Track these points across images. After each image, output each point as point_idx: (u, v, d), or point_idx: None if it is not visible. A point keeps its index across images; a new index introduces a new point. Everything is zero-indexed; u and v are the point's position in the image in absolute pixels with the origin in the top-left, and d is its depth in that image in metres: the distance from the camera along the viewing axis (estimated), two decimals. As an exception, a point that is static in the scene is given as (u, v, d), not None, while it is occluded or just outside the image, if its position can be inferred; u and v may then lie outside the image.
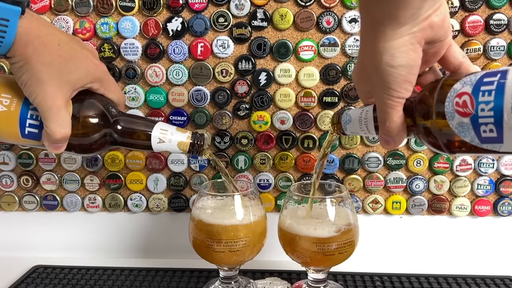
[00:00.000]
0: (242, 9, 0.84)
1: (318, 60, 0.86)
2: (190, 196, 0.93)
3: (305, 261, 0.73)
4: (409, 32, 0.49)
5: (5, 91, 0.62)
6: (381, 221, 0.93)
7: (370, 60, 0.52)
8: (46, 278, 0.84)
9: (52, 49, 0.58)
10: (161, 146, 0.66)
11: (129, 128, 0.66)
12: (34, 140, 0.63)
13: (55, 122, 0.58)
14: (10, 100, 0.61)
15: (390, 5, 0.48)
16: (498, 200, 0.91)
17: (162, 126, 0.66)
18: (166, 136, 0.66)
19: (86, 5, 0.85)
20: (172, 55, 0.86)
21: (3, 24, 0.53)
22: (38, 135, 0.62)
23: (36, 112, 0.60)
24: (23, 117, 0.61)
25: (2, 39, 0.53)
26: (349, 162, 0.90)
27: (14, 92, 0.61)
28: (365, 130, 0.60)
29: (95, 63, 0.63)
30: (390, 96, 0.52)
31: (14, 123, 0.62)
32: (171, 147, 0.66)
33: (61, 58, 0.58)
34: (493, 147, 0.45)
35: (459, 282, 0.82)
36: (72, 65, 0.59)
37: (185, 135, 0.67)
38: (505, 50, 0.84)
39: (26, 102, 0.61)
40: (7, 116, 0.61)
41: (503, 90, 0.42)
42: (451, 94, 0.47)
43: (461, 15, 0.84)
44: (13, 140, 0.63)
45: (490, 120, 0.43)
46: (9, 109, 0.61)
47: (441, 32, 0.51)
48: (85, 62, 0.61)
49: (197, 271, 0.86)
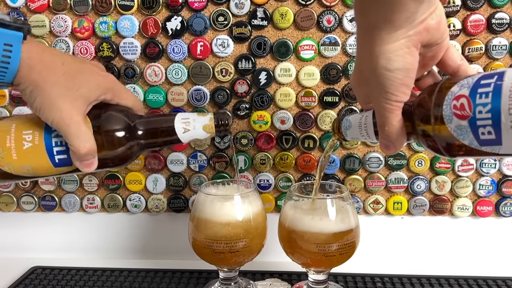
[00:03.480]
0: (242, 8, 0.84)
1: (318, 60, 0.86)
2: (190, 196, 0.93)
3: (306, 262, 0.73)
4: (405, 36, 0.49)
5: (25, 128, 0.63)
6: (382, 222, 0.93)
7: (367, 64, 0.52)
8: (45, 279, 0.84)
9: (56, 68, 0.58)
10: (188, 135, 0.65)
11: (151, 129, 0.66)
12: (67, 166, 0.63)
13: (77, 138, 0.59)
14: (32, 135, 0.62)
15: (385, 8, 0.48)
16: (500, 200, 0.91)
17: (183, 116, 0.66)
18: (190, 123, 0.65)
19: (84, 4, 0.85)
20: (172, 54, 0.86)
21: (7, 50, 0.54)
22: (68, 159, 0.62)
23: (59, 137, 0.61)
24: (49, 147, 0.62)
25: (7, 64, 0.54)
26: (350, 162, 0.90)
27: (34, 126, 0.62)
28: (365, 136, 0.60)
29: (102, 75, 0.63)
30: (388, 100, 0.52)
31: (42, 155, 0.62)
32: (197, 133, 0.66)
33: (67, 76, 0.59)
34: (492, 149, 0.45)
35: (460, 283, 0.82)
36: (80, 80, 0.60)
37: (207, 117, 0.66)
38: (507, 49, 0.84)
39: (47, 131, 0.62)
40: (33, 151, 0.62)
41: (500, 92, 0.42)
42: (448, 97, 0.47)
43: (462, 14, 0.84)
44: (47, 172, 0.64)
45: (488, 122, 0.43)
46: (34, 143, 0.62)
47: (438, 35, 0.51)
48: (92, 76, 0.62)
49: (196, 272, 0.85)
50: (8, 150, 0.62)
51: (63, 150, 0.62)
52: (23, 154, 0.62)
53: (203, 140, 0.89)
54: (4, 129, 0.63)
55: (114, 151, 0.64)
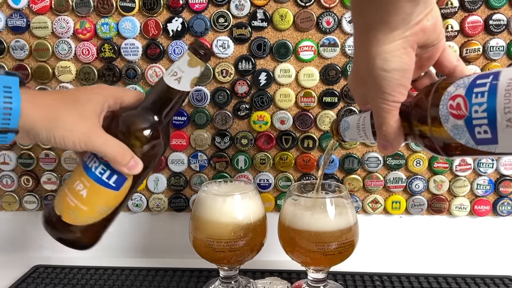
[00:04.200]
0: (242, 9, 0.85)
1: (318, 60, 0.87)
2: (190, 196, 0.93)
3: (305, 261, 0.74)
4: (401, 37, 0.49)
5: (72, 181, 0.66)
6: (380, 221, 0.94)
7: (364, 64, 0.52)
8: (47, 277, 0.85)
9: (57, 99, 0.61)
10: (184, 81, 0.64)
11: (155, 102, 0.65)
12: (125, 182, 0.65)
13: (106, 146, 0.61)
14: (79, 181, 0.65)
15: (381, 10, 0.48)
16: (497, 200, 0.91)
17: (168, 71, 0.65)
18: (177, 72, 0.64)
19: (86, 6, 0.85)
20: (173, 55, 0.87)
21: (7, 91, 0.55)
22: (119, 176, 0.64)
23: (98, 165, 0.64)
24: (98, 179, 0.64)
25: (9, 105, 0.55)
26: (349, 162, 0.90)
27: (76, 175, 0.66)
28: (363, 136, 0.60)
29: (95, 88, 0.66)
30: (385, 101, 0.52)
31: (100, 190, 0.65)
32: (188, 73, 0.65)
33: (69, 101, 0.61)
34: (489, 148, 0.45)
35: (458, 281, 0.82)
36: (81, 100, 0.62)
37: (185, 55, 0.65)
38: (504, 50, 0.84)
39: (86, 169, 0.65)
40: (92, 192, 0.64)
41: (496, 91, 0.43)
42: (445, 97, 0.48)
43: (460, 15, 0.84)
44: (118, 199, 0.67)
45: (484, 122, 0.44)
46: (87, 187, 0.64)
47: (434, 36, 0.52)
48: (88, 92, 0.64)
49: (197, 270, 0.86)
50: (76, 207, 0.65)
51: (110, 172, 0.64)
52: (87, 201, 0.65)
53: (203, 140, 0.89)
54: (62, 196, 0.66)
55: (144, 143, 0.65)
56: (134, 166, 0.63)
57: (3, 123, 0.55)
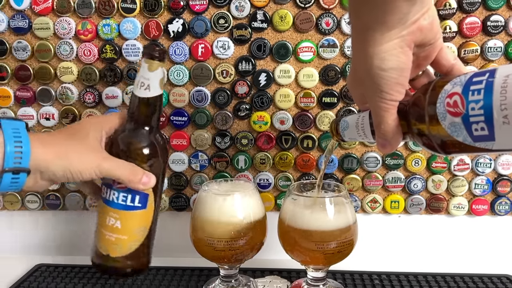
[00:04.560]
0: (242, 10, 0.85)
1: (317, 61, 0.87)
2: (191, 195, 0.94)
3: (305, 260, 0.74)
4: (399, 36, 0.50)
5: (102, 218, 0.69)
6: (379, 220, 0.94)
7: (362, 64, 0.53)
8: (49, 276, 0.85)
9: (60, 136, 0.64)
10: (152, 87, 0.67)
11: (136, 115, 0.68)
12: (148, 198, 0.69)
13: (117, 169, 0.64)
14: (109, 216, 0.68)
15: (378, 10, 0.49)
16: (495, 199, 0.91)
17: (134, 85, 0.67)
18: (143, 82, 0.66)
19: (88, 7, 0.86)
20: (173, 56, 0.87)
21: (16, 132, 0.57)
22: (140, 195, 0.68)
23: (117, 192, 0.67)
24: (122, 206, 0.67)
25: (20, 144, 0.57)
26: (348, 162, 0.91)
27: (102, 210, 0.69)
28: (362, 136, 0.61)
29: (88, 119, 0.71)
30: (383, 99, 0.52)
31: (130, 215, 0.68)
32: (154, 78, 0.66)
33: (71, 136, 0.64)
34: (486, 145, 0.45)
35: (456, 280, 0.83)
36: (81, 132, 0.65)
37: (143, 63, 0.67)
38: (502, 51, 0.85)
39: (109, 203, 0.68)
40: (125, 220, 0.68)
41: (492, 88, 0.43)
42: (442, 95, 0.48)
43: (458, 16, 0.85)
44: (149, 217, 0.70)
45: (480, 119, 0.44)
46: (117, 218, 0.67)
47: (431, 35, 0.52)
48: (85, 123, 0.68)
49: (197, 269, 0.86)
50: (117, 240, 0.68)
51: (131, 195, 0.67)
52: (124, 230, 0.68)
53: (204, 140, 0.90)
54: (100, 236, 0.70)
55: (146, 156, 0.68)
56: (148, 180, 0.66)
57: (14, 162, 0.56)
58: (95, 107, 0.90)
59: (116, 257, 0.69)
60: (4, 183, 0.57)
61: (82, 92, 0.90)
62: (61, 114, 0.90)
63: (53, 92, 0.90)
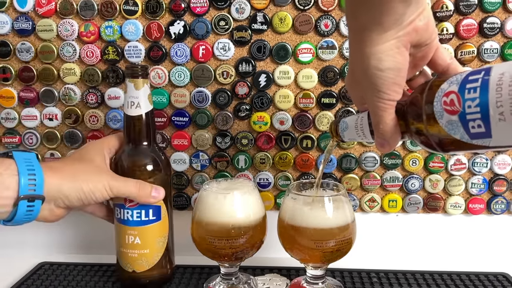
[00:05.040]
0: (242, 12, 0.86)
1: (316, 62, 0.88)
2: (192, 194, 0.94)
3: (304, 258, 0.74)
4: (395, 37, 0.50)
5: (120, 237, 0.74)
6: (377, 219, 0.95)
7: (359, 65, 0.53)
8: (52, 274, 0.85)
9: (69, 162, 0.67)
10: (142, 104, 0.71)
11: (135, 132, 0.72)
12: (157, 213, 0.73)
13: (130, 187, 0.68)
14: (127, 235, 0.72)
15: (374, 11, 0.49)
16: (491, 198, 0.92)
17: (124, 106, 0.71)
18: (132, 101, 0.70)
19: (90, 9, 0.87)
20: (175, 57, 0.88)
21: (28, 161, 0.60)
22: (154, 208, 0.71)
23: (129, 213, 0.71)
24: (131, 222, 0.71)
25: (33, 171, 0.59)
26: (347, 162, 0.91)
27: (120, 232, 0.73)
28: (361, 136, 0.61)
29: (92, 143, 0.74)
30: (381, 99, 0.53)
31: (145, 230, 0.72)
32: (142, 95, 0.71)
33: (78, 160, 0.68)
34: (483, 142, 0.45)
35: (453, 278, 0.83)
36: (88, 156, 0.68)
37: (128, 83, 0.71)
38: (498, 52, 0.86)
39: (123, 222, 0.72)
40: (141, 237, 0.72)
41: (488, 86, 0.43)
42: (439, 94, 0.48)
43: (455, 18, 0.85)
44: (165, 229, 0.75)
45: (477, 116, 0.44)
46: (135, 234, 0.72)
47: (426, 35, 0.52)
48: (90, 147, 0.71)
49: (198, 267, 0.87)
50: (140, 255, 0.72)
51: (144, 211, 0.71)
52: (145, 245, 0.72)
53: (205, 140, 0.91)
54: (122, 256, 0.74)
55: (150, 171, 0.72)
56: (157, 194, 0.70)
57: (29, 189, 0.58)
58: (97, 107, 0.91)
59: (143, 271, 0.73)
60: (20, 212, 0.59)
61: (84, 93, 0.90)
62: (64, 114, 0.91)
63: (56, 93, 0.90)
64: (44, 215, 0.63)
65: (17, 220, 0.61)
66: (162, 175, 0.74)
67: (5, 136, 0.92)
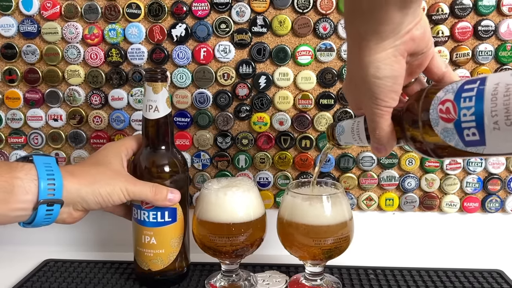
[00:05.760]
0: (243, 16, 0.87)
1: (315, 64, 0.89)
2: (193, 193, 0.94)
3: (303, 255, 0.75)
4: (392, 46, 0.51)
5: (137, 237, 0.75)
6: (374, 217, 0.95)
7: (357, 72, 0.54)
8: (57, 271, 0.85)
9: (86, 166, 0.68)
10: (161, 108, 0.71)
11: (154, 135, 0.73)
12: (172, 215, 0.73)
13: (146, 191, 0.69)
14: (143, 235, 0.73)
15: (372, 21, 0.50)
16: (486, 197, 0.93)
17: (143, 109, 0.72)
18: (151, 104, 0.71)
19: (94, 12, 0.88)
20: (176, 59, 0.89)
21: (48, 166, 0.61)
22: (169, 211, 0.73)
23: (146, 214, 0.72)
24: (157, 224, 0.72)
25: (52, 176, 0.60)
26: (345, 161, 0.92)
27: (137, 232, 0.74)
28: (357, 140, 0.61)
29: (110, 145, 0.74)
30: (378, 106, 0.53)
31: (161, 231, 0.73)
32: (160, 99, 0.71)
33: (96, 164, 0.69)
34: (477, 149, 0.46)
35: (448, 275, 0.84)
36: (105, 159, 0.69)
37: (147, 87, 0.71)
38: (492, 55, 0.87)
39: (140, 222, 0.73)
40: (159, 237, 0.73)
41: (483, 96, 0.44)
42: (435, 102, 0.49)
43: (451, 21, 0.86)
44: (181, 229, 0.76)
45: (472, 124, 0.45)
46: (150, 235, 0.73)
47: (423, 44, 0.53)
48: (108, 149, 0.72)
49: (200, 264, 0.87)
50: (156, 255, 0.73)
51: (160, 213, 0.72)
52: (161, 245, 0.73)
53: (206, 140, 0.92)
54: (139, 254, 0.75)
55: (168, 174, 0.73)
56: (173, 197, 0.71)
57: (48, 193, 0.59)
58: (101, 108, 0.92)
59: (158, 270, 0.74)
60: (39, 215, 0.60)
61: (89, 94, 0.91)
62: (68, 115, 0.92)
63: (61, 94, 0.92)
64: (62, 217, 0.64)
65: (36, 223, 0.62)
66: (180, 177, 0.74)
67: (11, 136, 0.94)
